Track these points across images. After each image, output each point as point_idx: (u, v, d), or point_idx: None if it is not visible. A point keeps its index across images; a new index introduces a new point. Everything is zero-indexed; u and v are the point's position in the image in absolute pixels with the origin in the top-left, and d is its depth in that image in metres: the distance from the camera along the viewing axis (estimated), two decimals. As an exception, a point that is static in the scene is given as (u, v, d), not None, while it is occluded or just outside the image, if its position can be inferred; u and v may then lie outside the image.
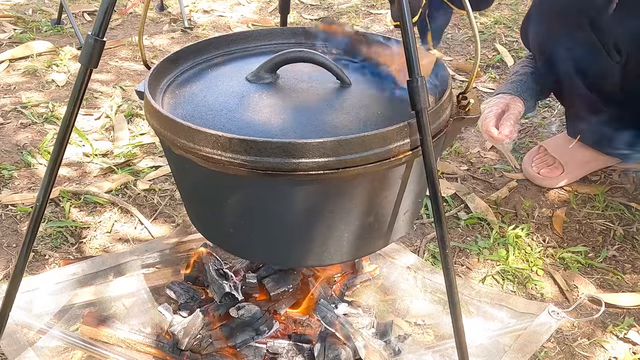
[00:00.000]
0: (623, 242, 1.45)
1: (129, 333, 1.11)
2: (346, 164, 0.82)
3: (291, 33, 1.16)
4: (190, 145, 0.85)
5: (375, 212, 0.93)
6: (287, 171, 0.82)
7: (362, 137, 0.81)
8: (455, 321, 0.93)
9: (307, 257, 0.97)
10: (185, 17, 2.62)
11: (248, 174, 0.83)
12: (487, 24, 2.62)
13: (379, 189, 0.90)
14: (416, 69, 0.77)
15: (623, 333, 1.20)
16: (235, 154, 0.82)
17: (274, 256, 1.01)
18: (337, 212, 0.90)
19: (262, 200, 0.91)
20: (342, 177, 0.84)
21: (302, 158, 0.81)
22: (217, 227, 1.03)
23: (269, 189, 0.88)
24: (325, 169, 0.82)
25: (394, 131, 0.83)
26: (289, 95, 0.98)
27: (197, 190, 1.00)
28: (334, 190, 0.87)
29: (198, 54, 1.10)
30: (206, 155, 0.84)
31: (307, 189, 0.86)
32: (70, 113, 0.89)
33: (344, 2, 2.92)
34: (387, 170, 0.87)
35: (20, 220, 1.49)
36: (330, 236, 0.92)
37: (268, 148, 0.81)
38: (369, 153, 0.82)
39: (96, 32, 0.85)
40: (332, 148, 0.81)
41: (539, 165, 1.64)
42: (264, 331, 1.07)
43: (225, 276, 1.15)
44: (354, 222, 0.91)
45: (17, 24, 2.61)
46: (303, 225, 0.93)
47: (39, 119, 1.91)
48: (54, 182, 0.94)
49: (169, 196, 1.58)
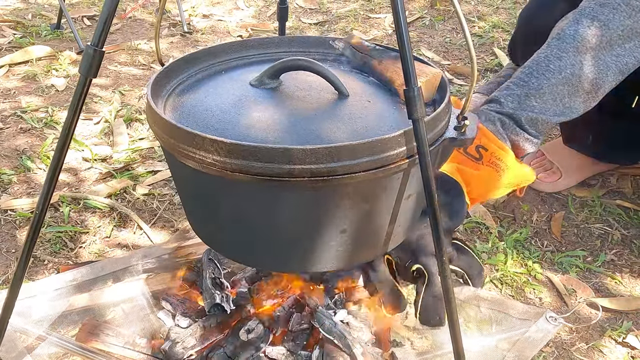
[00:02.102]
0: (621, 246, 1.45)
1: (122, 350, 1.10)
2: (337, 172, 0.82)
3: (315, 42, 1.17)
4: (186, 148, 0.86)
5: (369, 221, 0.93)
6: (279, 177, 0.82)
7: (354, 145, 0.82)
8: (453, 327, 0.93)
9: (299, 263, 0.98)
10: (184, 22, 2.63)
11: (240, 178, 0.84)
12: (485, 27, 2.63)
13: (373, 198, 0.90)
14: (412, 78, 0.78)
15: (621, 337, 1.21)
16: (228, 158, 0.83)
17: (266, 261, 1.02)
18: (330, 219, 0.90)
19: (254, 205, 0.91)
20: (335, 184, 0.84)
21: (294, 164, 0.81)
22: (213, 232, 1.03)
23: (262, 194, 0.88)
24: (317, 176, 0.82)
25: (388, 140, 0.83)
26: (287, 102, 0.98)
27: (193, 194, 1.01)
28: (326, 197, 0.87)
29: (205, 59, 1.11)
30: (200, 159, 0.85)
31: (299, 195, 0.87)
32: (70, 122, 0.89)
33: (342, 6, 2.93)
34: (382, 179, 0.87)
35: (20, 226, 1.49)
36: (323, 243, 0.93)
37: (260, 153, 0.81)
38: (361, 161, 0.82)
39: (95, 42, 0.85)
40: (324, 155, 0.81)
41: (537, 170, 1.64)
42: (262, 347, 1.08)
43: (220, 285, 1.15)
44: (348, 229, 0.92)
45: (17, 29, 2.61)
46: (296, 232, 0.93)
47: (39, 123, 1.92)
48: (53, 191, 0.94)
49: (168, 201, 1.59)
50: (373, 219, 0.94)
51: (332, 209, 0.89)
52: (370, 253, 1.01)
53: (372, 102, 0.98)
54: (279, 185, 0.84)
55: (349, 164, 0.82)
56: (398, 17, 0.76)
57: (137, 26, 2.71)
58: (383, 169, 0.85)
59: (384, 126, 0.92)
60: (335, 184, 0.84)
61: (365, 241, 0.97)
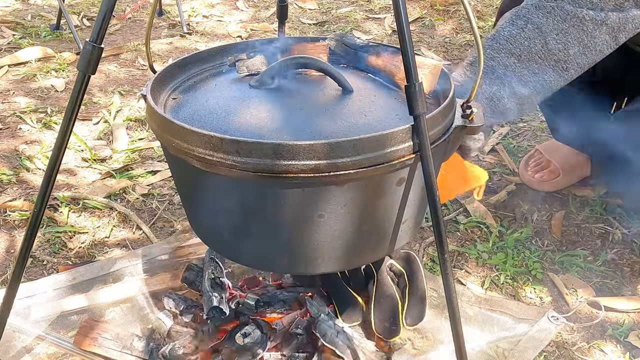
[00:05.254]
0: (622, 245, 1.45)
1: (121, 354, 1.09)
2: (337, 168, 0.81)
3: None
4: (184, 146, 0.86)
5: (371, 219, 0.92)
6: (277, 173, 0.81)
7: (354, 141, 0.80)
8: (455, 326, 0.92)
9: (299, 264, 0.96)
10: (184, 22, 2.63)
11: (239, 175, 0.83)
12: (485, 27, 2.63)
13: (375, 195, 0.89)
14: (414, 75, 0.77)
15: (623, 337, 1.20)
16: (227, 154, 0.82)
17: (264, 261, 1.00)
18: (329, 217, 0.88)
19: (254, 202, 0.90)
20: (334, 181, 0.83)
21: (293, 160, 0.80)
22: (211, 230, 1.02)
23: (261, 190, 0.87)
24: (315, 172, 0.81)
25: (389, 136, 0.82)
26: (290, 100, 0.98)
27: (191, 191, 1.01)
28: (326, 194, 0.86)
29: (206, 60, 1.11)
30: (198, 156, 0.84)
31: (298, 192, 0.86)
32: (68, 119, 0.89)
33: (342, 6, 2.93)
34: (383, 176, 0.86)
35: (18, 226, 1.48)
36: (323, 242, 0.91)
37: (258, 149, 0.81)
38: (361, 157, 0.81)
39: (94, 38, 0.85)
40: (322, 151, 0.80)
41: (535, 169, 1.64)
42: (259, 354, 1.06)
43: (220, 285, 1.14)
44: (348, 228, 0.90)
45: (16, 30, 2.61)
46: (294, 230, 0.92)
47: (38, 124, 1.91)
48: (51, 189, 0.93)
49: (168, 201, 1.58)
50: (379, 216, 0.92)
51: (338, 206, 0.88)
52: (375, 253, 0.99)
53: (377, 97, 0.98)
54: (277, 181, 0.83)
55: (357, 159, 0.81)
56: (399, 12, 0.75)
57: (137, 27, 2.71)
58: (389, 164, 0.83)
59: (391, 121, 0.91)
60: (342, 179, 0.83)
61: (371, 240, 0.95)
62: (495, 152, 1.80)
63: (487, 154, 1.80)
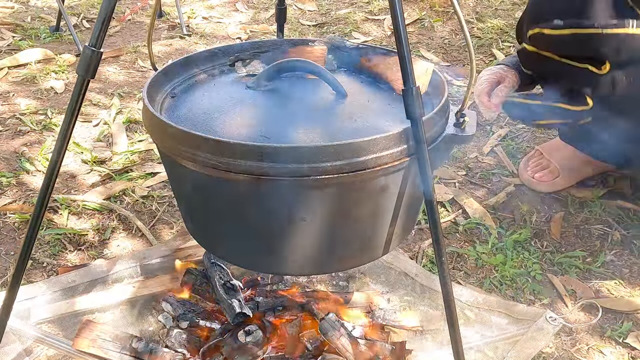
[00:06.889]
0: (621, 246, 1.45)
1: (120, 356, 1.09)
2: (318, 172, 0.81)
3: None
4: (172, 144, 0.87)
5: (354, 224, 0.91)
6: (259, 175, 0.82)
7: (335, 146, 0.80)
8: (452, 328, 0.93)
9: (282, 265, 0.96)
10: (183, 24, 2.63)
11: (222, 175, 0.83)
12: (484, 29, 2.63)
13: (358, 201, 0.89)
14: (411, 78, 0.77)
15: (622, 338, 1.20)
16: (211, 154, 0.83)
17: (249, 260, 1.00)
18: (311, 220, 0.88)
19: (236, 203, 0.90)
20: (315, 185, 0.83)
21: (275, 162, 0.80)
22: (202, 230, 1.03)
23: (244, 191, 0.88)
24: (297, 176, 0.81)
25: (371, 142, 0.82)
26: (283, 102, 0.98)
27: (181, 191, 1.01)
28: (307, 198, 0.86)
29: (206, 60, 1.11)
30: (184, 154, 0.85)
31: (280, 194, 0.86)
32: (67, 123, 0.89)
33: (342, 7, 2.93)
34: (365, 182, 0.86)
35: (18, 228, 1.49)
36: (306, 245, 0.91)
37: (241, 150, 0.81)
38: (342, 163, 0.81)
39: (93, 42, 0.85)
40: (304, 154, 0.80)
41: (534, 169, 1.64)
42: (259, 355, 1.06)
43: (233, 288, 1.13)
44: (331, 232, 0.90)
45: (16, 31, 2.61)
46: (277, 232, 0.92)
47: (38, 126, 1.92)
48: (51, 191, 0.94)
49: (167, 203, 1.58)
50: (362, 222, 0.92)
51: (320, 210, 0.88)
52: (361, 258, 0.99)
53: (370, 102, 0.98)
54: (268, 184, 0.83)
55: (337, 165, 0.81)
56: (396, 16, 0.76)
57: (136, 29, 2.71)
58: (371, 170, 0.83)
59: (379, 127, 0.91)
60: (323, 183, 0.83)
61: (355, 245, 0.95)
62: (495, 154, 1.80)
63: (486, 155, 1.80)
